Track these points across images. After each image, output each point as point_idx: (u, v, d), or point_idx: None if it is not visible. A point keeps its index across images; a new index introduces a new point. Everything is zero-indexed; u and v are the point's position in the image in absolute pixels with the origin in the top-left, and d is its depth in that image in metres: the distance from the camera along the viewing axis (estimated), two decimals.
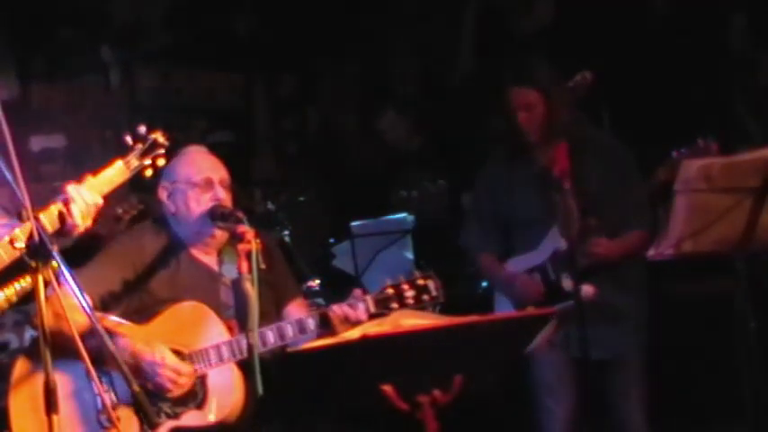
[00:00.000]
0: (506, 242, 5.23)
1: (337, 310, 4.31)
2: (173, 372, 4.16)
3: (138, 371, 4.13)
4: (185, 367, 4.20)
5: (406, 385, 3.49)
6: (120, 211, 5.22)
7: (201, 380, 4.24)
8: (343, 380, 3.46)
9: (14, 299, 4.12)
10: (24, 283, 4.31)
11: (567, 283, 4.87)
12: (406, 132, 7.19)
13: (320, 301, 5.97)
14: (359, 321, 4.27)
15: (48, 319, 3.48)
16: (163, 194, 4.50)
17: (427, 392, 3.53)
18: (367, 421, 4.23)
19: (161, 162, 4.06)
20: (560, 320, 4.66)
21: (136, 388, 3.41)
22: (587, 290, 4.75)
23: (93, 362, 3.89)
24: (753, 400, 4.33)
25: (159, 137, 4.04)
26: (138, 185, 7.25)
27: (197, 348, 4.24)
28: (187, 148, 4.59)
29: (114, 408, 4.15)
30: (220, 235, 4.42)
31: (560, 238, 4.90)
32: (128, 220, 5.19)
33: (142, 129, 4.02)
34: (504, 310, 5.14)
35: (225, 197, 4.43)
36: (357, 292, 4.36)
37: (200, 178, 4.43)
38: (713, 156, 4.72)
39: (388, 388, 3.48)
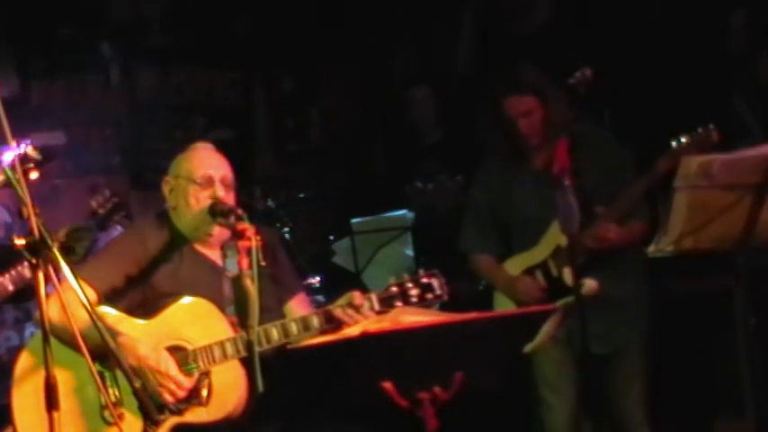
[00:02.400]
0: (505, 242, 5.23)
1: (341, 314, 4.30)
2: (174, 384, 4.17)
3: (142, 374, 4.14)
4: (187, 382, 4.20)
5: (406, 382, 3.49)
6: (94, 204, 5.20)
7: (206, 376, 4.24)
8: (344, 376, 3.45)
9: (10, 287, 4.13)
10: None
11: (569, 278, 4.88)
12: (433, 114, 7.15)
13: (320, 298, 5.97)
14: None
15: (54, 315, 3.48)
16: (165, 189, 4.51)
17: (427, 389, 3.53)
18: (367, 418, 4.22)
19: (33, 175, 4.09)
20: (564, 316, 4.68)
21: (137, 385, 3.42)
22: (591, 284, 4.76)
23: (100, 357, 3.90)
24: (754, 397, 4.33)
25: (30, 150, 4.09)
26: (138, 184, 7.33)
27: (201, 345, 4.25)
28: (194, 145, 4.60)
29: (118, 404, 4.16)
30: (220, 232, 4.41)
31: (561, 234, 4.91)
32: (104, 213, 5.17)
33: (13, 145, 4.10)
34: (503, 308, 5.13)
35: (225, 196, 4.41)
36: (356, 294, 4.35)
37: (200, 175, 4.42)
38: (713, 144, 4.73)
39: (388, 385, 3.48)
